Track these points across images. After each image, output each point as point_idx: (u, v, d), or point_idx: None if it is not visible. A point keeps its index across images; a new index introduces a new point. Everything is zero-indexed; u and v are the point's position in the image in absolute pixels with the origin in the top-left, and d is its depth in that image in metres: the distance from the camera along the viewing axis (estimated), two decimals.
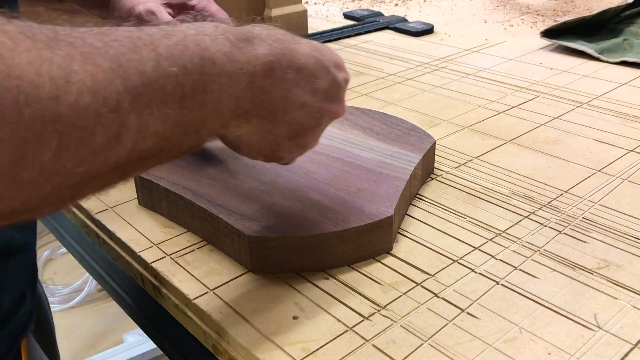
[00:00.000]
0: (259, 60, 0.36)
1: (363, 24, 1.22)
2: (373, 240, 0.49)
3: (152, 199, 0.56)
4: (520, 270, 0.48)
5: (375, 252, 0.50)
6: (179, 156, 0.35)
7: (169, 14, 0.64)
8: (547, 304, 0.45)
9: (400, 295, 0.46)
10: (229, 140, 0.41)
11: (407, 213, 0.56)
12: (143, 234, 0.54)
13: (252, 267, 0.48)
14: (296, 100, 0.39)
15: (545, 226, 0.54)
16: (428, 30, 1.16)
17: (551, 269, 0.48)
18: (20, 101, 0.25)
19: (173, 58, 0.31)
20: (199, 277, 0.48)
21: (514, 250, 0.51)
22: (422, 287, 0.47)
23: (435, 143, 0.62)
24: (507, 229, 0.54)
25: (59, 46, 0.27)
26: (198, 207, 0.51)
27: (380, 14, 1.27)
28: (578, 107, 0.80)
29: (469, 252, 0.51)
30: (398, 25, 1.18)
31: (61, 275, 1.85)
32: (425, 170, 0.61)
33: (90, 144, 0.28)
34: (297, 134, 0.41)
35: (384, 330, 0.42)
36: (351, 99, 0.83)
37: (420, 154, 0.58)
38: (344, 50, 1.07)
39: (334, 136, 0.62)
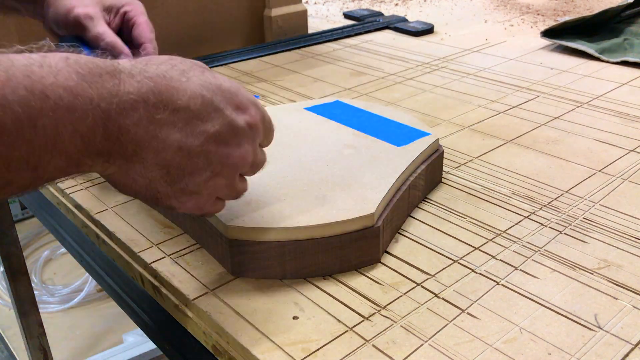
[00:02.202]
0: (116, 97, 0.34)
1: (363, 23, 1.22)
2: (358, 251, 0.48)
3: None
4: (520, 270, 0.48)
5: (361, 264, 0.49)
6: (26, 191, 0.33)
7: (106, 20, 0.62)
8: (547, 304, 0.45)
9: (401, 296, 0.46)
10: (105, 177, 0.38)
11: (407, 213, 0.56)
12: (143, 234, 0.54)
13: (233, 270, 0.48)
14: (169, 142, 0.36)
15: (546, 226, 0.54)
16: (428, 30, 1.16)
17: (551, 269, 0.48)
18: None
19: None
20: (199, 277, 0.48)
21: (514, 251, 0.51)
22: (423, 287, 0.47)
23: (443, 153, 0.60)
24: (507, 229, 0.54)
25: None
26: None
27: (380, 14, 1.27)
28: (578, 107, 0.80)
29: (470, 252, 0.51)
30: (398, 25, 1.18)
31: (61, 276, 1.85)
32: (430, 180, 0.59)
33: None
34: (176, 180, 0.38)
35: (384, 330, 0.42)
36: (352, 99, 0.83)
37: (425, 164, 0.57)
38: (344, 50, 1.07)
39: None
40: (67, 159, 0.33)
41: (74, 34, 0.62)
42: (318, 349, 0.41)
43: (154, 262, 0.50)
